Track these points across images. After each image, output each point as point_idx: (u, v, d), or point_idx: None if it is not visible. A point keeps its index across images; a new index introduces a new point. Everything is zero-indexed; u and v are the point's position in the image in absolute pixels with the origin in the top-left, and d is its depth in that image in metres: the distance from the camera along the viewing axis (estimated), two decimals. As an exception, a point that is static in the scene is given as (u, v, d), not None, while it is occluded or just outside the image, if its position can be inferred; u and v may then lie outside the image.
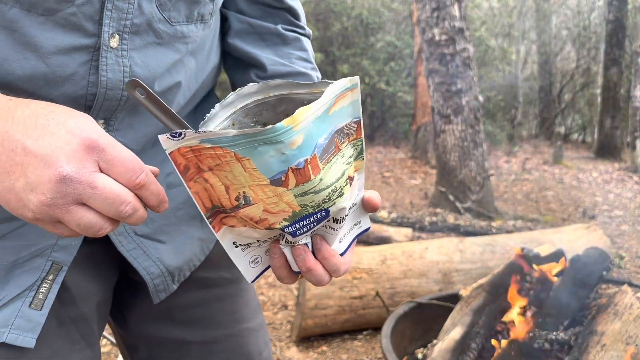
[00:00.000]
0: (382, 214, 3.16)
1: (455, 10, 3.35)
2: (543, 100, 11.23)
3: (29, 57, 0.39)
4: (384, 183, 4.91)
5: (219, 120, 0.39)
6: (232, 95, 0.39)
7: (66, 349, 0.47)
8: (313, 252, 0.39)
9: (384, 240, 2.60)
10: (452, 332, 1.18)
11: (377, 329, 1.59)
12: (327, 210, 0.36)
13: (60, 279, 0.45)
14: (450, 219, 3.07)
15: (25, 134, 0.33)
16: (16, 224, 0.43)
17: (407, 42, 8.17)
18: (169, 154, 0.34)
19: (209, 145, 0.33)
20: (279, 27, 0.56)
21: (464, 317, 1.22)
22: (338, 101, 0.35)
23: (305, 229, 0.37)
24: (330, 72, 8.96)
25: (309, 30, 0.61)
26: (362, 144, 0.39)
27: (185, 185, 0.35)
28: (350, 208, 0.39)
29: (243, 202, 0.35)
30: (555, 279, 1.31)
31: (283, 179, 0.33)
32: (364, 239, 2.71)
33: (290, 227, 0.36)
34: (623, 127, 8.62)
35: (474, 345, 1.18)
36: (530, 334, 1.22)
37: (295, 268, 0.40)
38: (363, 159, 0.40)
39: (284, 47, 0.57)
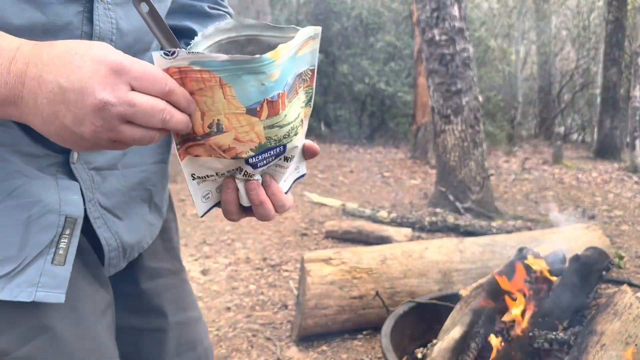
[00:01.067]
0: (382, 213, 3.16)
1: (455, 11, 3.35)
2: (543, 100, 11.23)
3: (26, 9, 0.41)
4: (384, 183, 4.91)
5: (200, 49, 0.41)
6: (211, 28, 0.42)
7: (89, 290, 0.50)
8: None
9: (383, 240, 2.60)
10: (452, 332, 1.18)
11: (377, 328, 1.58)
12: (285, 146, 0.40)
13: (78, 232, 0.46)
14: (450, 218, 3.07)
15: (57, 74, 0.35)
16: (19, 182, 0.44)
17: (407, 42, 8.17)
18: None
19: (198, 68, 0.35)
20: (205, 5, 0.62)
21: (463, 317, 1.22)
22: (303, 46, 0.39)
23: (264, 162, 0.41)
24: (330, 72, 8.96)
25: (231, 10, 0.67)
26: (312, 92, 0.43)
27: None
28: (298, 149, 0.44)
29: (215, 130, 0.37)
30: (555, 278, 1.31)
31: (258, 109, 0.36)
32: (363, 238, 2.72)
33: (254, 158, 0.40)
34: (622, 127, 8.62)
35: (474, 344, 1.18)
36: (530, 334, 1.22)
37: (245, 203, 0.44)
38: (311, 106, 0.43)
39: (210, 20, 0.61)
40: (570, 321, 1.28)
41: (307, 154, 0.46)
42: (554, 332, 1.20)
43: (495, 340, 1.22)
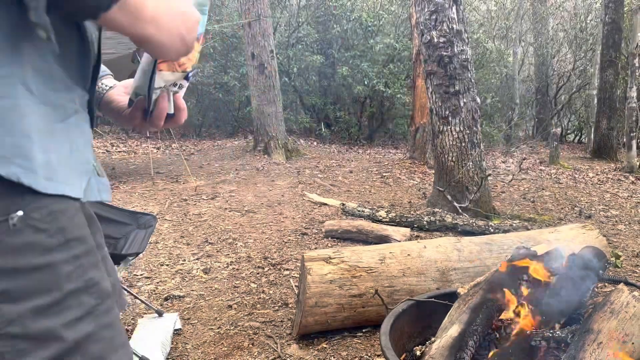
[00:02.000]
0: (381, 213, 3.17)
1: (454, 13, 3.38)
2: (540, 101, 11.28)
3: None
4: (383, 183, 4.93)
5: None
6: None
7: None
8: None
9: (383, 239, 2.62)
10: (450, 330, 1.20)
11: (376, 326, 1.60)
12: (193, 71, 0.60)
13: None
14: (448, 218, 3.08)
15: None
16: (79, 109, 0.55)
17: (406, 44, 8.19)
18: None
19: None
20: None
21: (461, 315, 1.23)
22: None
23: (190, 78, 0.60)
24: (330, 74, 8.97)
25: None
26: (200, 49, 0.59)
27: None
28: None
29: None
30: (552, 277, 1.33)
31: (199, 38, 0.54)
32: (363, 238, 2.73)
33: (191, 72, 0.59)
34: (619, 128, 8.67)
35: (472, 342, 1.19)
36: (528, 332, 1.24)
37: (171, 110, 0.62)
38: (197, 59, 0.61)
39: None
40: (567, 319, 1.30)
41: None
42: (551, 330, 1.22)
43: (493, 339, 1.24)
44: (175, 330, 1.64)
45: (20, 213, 0.45)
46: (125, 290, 1.75)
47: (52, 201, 0.48)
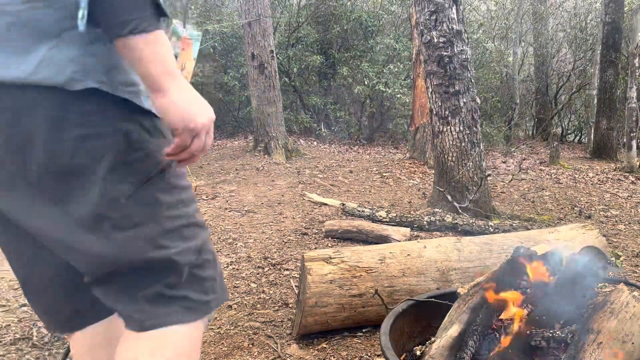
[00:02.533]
0: (381, 213, 3.17)
1: (453, 13, 3.38)
2: (540, 101, 11.27)
3: None
4: (383, 183, 4.93)
5: None
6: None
7: None
8: None
9: (382, 239, 2.62)
10: (450, 330, 1.20)
11: (376, 326, 1.60)
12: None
13: None
14: (448, 218, 3.09)
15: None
16: None
17: (406, 44, 8.19)
18: None
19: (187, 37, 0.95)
20: None
21: (461, 315, 1.23)
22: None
23: None
24: (330, 74, 8.97)
25: None
26: (194, 69, 0.99)
27: None
28: None
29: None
30: (552, 277, 1.33)
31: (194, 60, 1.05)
32: (363, 238, 2.73)
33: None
34: (619, 128, 8.67)
35: (472, 342, 1.19)
36: (527, 332, 1.24)
37: None
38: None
39: None
40: (567, 319, 1.30)
41: None
42: (551, 331, 1.22)
43: (493, 339, 1.24)
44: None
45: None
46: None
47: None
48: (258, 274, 2.25)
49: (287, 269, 2.30)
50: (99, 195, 0.63)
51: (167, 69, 0.62)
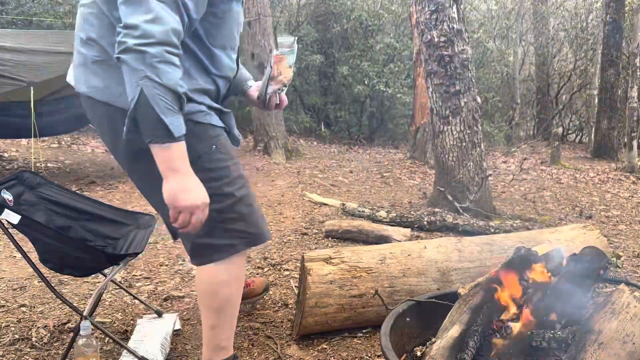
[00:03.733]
0: (381, 213, 3.17)
1: (454, 13, 3.37)
2: (540, 101, 11.27)
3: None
4: (383, 183, 4.93)
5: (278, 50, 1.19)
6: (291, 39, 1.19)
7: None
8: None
9: (383, 239, 2.62)
10: (451, 330, 1.19)
11: (376, 327, 1.60)
12: (288, 83, 1.26)
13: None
14: (449, 218, 3.08)
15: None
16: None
17: (406, 43, 8.19)
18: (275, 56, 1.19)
19: (279, 54, 1.19)
20: None
21: (462, 316, 1.23)
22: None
23: (286, 85, 1.26)
24: (330, 74, 8.97)
25: None
26: (291, 76, 1.27)
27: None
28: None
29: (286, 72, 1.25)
30: (553, 278, 1.33)
31: (290, 65, 1.23)
32: (363, 238, 2.73)
33: (288, 83, 1.25)
34: (620, 128, 8.66)
35: (472, 343, 1.19)
36: (528, 332, 1.23)
37: (277, 102, 1.32)
38: (289, 77, 1.26)
39: None
40: (568, 320, 1.29)
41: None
42: (552, 331, 1.21)
43: (493, 339, 1.24)
44: (175, 330, 1.64)
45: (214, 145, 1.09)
46: (125, 290, 1.74)
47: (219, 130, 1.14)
48: (258, 274, 2.25)
49: (287, 269, 2.30)
50: (142, 168, 1.06)
51: (171, 166, 0.94)
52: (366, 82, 8.06)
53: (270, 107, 1.30)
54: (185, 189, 0.95)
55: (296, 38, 1.20)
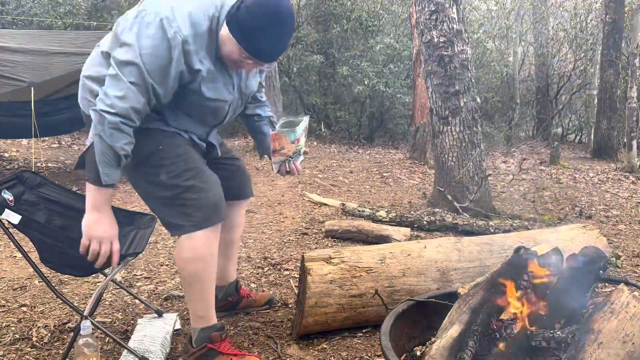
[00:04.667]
0: (381, 213, 3.17)
1: (454, 13, 3.37)
2: (540, 101, 11.27)
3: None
4: (383, 183, 4.93)
5: (277, 127, 1.44)
6: (281, 121, 1.45)
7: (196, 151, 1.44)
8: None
9: (383, 239, 2.62)
10: (451, 330, 1.19)
11: (376, 326, 1.60)
12: (300, 152, 1.50)
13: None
14: (449, 218, 3.08)
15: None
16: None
17: (406, 44, 8.20)
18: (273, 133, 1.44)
19: (276, 132, 1.43)
20: (259, 96, 1.63)
21: (462, 315, 1.23)
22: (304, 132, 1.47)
23: (294, 158, 1.51)
24: (330, 74, 8.97)
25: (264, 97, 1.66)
26: (301, 147, 1.50)
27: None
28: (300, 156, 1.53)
29: (287, 149, 1.48)
30: (552, 277, 1.33)
31: (294, 141, 1.44)
32: (363, 238, 2.73)
33: (292, 156, 1.49)
34: (619, 128, 8.66)
35: (472, 343, 1.19)
36: (528, 332, 1.23)
37: (288, 169, 1.54)
38: (301, 150, 1.51)
39: (264, 105, 1.64)
40: (567, 320, 1.30)
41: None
42: (551, 331, 1.22)
43: (493, 339, 1.24)
44: (175, 330, 1.64)
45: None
46: (125, 290, 1.75)
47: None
48: (258, 274, 2.25)
49: (287, 269, 2.30)
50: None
51: (94, 204, 1.21)
52: (366, 83, 8.07)
53: (282, 174, 1.54)
54: (99, 223, 1.21)
55: (306, 119, 1.42)
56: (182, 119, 1.34)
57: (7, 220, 1.25)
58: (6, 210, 1.24)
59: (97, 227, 1.21)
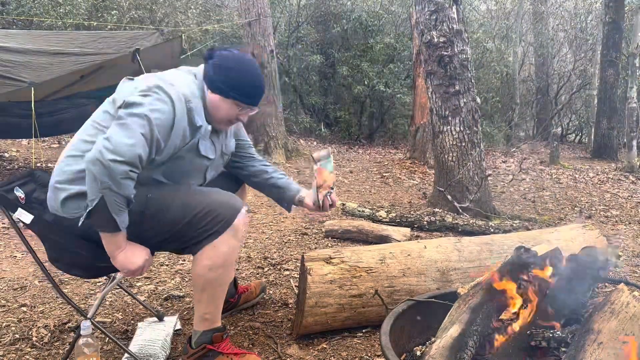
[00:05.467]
0: (381, 213, 3.17)
1: (454, 13, 3.37)
2: (540, 101, 11.27)
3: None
4: (383, 183, 4.93)
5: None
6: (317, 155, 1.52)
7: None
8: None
9: (383, 239, 2.62)
10: (450, 330, 1.19)
11: (376, 326, 1.60)
12: (332, 189, 1.54)
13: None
14: (449, 218, 3.08)
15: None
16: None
17: (406, 44, 8.19)
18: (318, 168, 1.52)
19: (318, 167, 1.51)
20: (251, 152, 1.68)
21: (462, 315, 1.23)
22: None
23: (332, 190, 1.54)
24: (330, 74, 8.97)
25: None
26: (332, 179, 1.54)
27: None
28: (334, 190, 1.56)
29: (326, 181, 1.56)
30: (552, 277, 1.33)
31: (330, 172, 1.54)
32: (363, 238, 2.73)
33: (332, 189, 1.54)
34: (619, 128, 8.67)
35: (472, 342, 1.19)
36: (528, 332, 1.23)
37: (330, 203, 1.56)
38: (331, 182, 1.55)
39: (257, 160, 1.67)
40: (567, 320, 1.30)
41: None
42: (551, 331, 1.22)
43: (493, 339, 1.24)
44: (176, 330, 1.64)
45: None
46: (125, 291, 1.75)
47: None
48: (258, 274, 2.25)
49: (287, 269, 2.30)
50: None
51: (118, 246, 1.23)
52: (366, 83, 8.07)
53: (325, 209, 1.55)
54: (129, 257, 1.24)
55: (330, 149, 1.50)
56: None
57: (19, 220, 1.26)
58: (19, 209, 1.25)
59: (132, 260, 1.24)
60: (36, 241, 1.35)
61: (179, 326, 1.67)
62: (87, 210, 1.16)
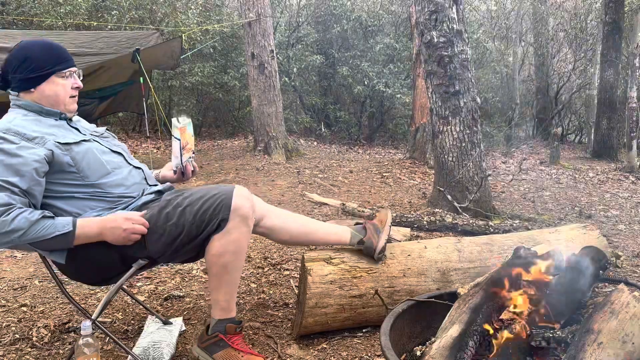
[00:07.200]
0: (381, 214, 3.16)
1: (454, 13, 3.37)
2: (540, 101, 11.28)
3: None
4: (383, 183, 4.93)
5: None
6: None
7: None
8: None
9: (383, 240, 2.61)
10: (450, 330, 1.19)
11: (376, 326, 1.60)
12: (194, 152, 1.59)
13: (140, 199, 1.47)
14: (449, 218, 3.08)
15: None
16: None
17: (406, 44, 8.20)
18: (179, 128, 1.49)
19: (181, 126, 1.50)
20: None
21: (462, 315, 1.23)
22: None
23: (193, 156, 1.59)
24: (330, 74, 8.97)
25: None
26: (193, 144, 1.58)
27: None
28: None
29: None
30: (552, 277, 1.33)
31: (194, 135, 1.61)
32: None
33: (194, 151, 1.59)
34: (619, 128, 8.67)
35: (472, 342, 1.19)
36: (528, 332, 1.23)
37: (192, 169, 1.61)
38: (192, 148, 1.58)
39: None
40: (567, 320, 1.30)
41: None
42: (551, 331, 1.22)
43: (493, 339, 1.24)
44: (180, 332, 1.64)
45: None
46: (125, 291, 1.75)
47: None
48: (258, 274, 2.25)
49: (287, 269, 2.30)
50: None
51: (93, 234, 1.28)
52: (366, 83, 8.07)
53: (188, 175, 1.55)
54: (108, 227, 1.28)
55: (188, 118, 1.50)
56: (108, 186, 1.36)
57: None
58: None
59: (113, 225, 1.27)
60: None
61: (183, 327, 1.67)
62: (39, 252, 1.25)
